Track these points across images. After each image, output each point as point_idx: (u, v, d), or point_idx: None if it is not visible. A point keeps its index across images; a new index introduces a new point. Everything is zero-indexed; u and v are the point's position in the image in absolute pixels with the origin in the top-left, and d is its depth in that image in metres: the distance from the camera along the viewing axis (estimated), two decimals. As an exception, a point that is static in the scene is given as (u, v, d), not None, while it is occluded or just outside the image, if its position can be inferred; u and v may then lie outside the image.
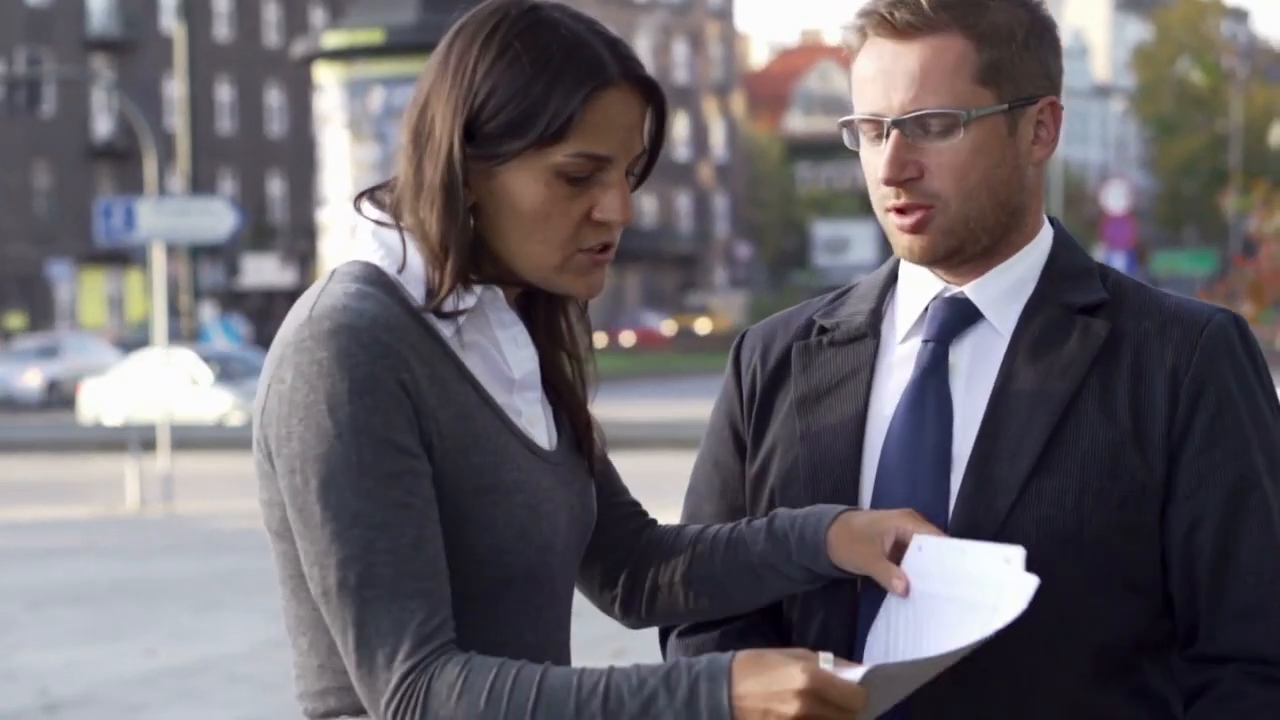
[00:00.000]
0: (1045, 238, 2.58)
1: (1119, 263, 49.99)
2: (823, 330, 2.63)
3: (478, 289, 2.37)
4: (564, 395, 2.51)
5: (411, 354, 2.29)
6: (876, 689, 2.17)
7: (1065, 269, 2.56)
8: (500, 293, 2.40)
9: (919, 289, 2.58)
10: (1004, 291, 2.54)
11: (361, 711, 2.33)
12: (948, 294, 2.56)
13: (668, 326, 69.69)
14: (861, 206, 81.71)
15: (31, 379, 43.02)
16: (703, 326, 68.75)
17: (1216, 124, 77.26)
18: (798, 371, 2.61)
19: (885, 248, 2.72)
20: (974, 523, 2.42)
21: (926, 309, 2.57)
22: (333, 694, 2.37)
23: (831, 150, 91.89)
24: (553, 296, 2.47)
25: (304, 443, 2.25)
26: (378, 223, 2.39)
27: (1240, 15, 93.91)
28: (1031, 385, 2.47)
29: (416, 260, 2.36)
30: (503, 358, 2.40)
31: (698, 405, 14.38)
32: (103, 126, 69.10)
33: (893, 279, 2.64)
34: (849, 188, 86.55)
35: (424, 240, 2.35)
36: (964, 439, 2.48)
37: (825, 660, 2.16)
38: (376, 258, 2.37)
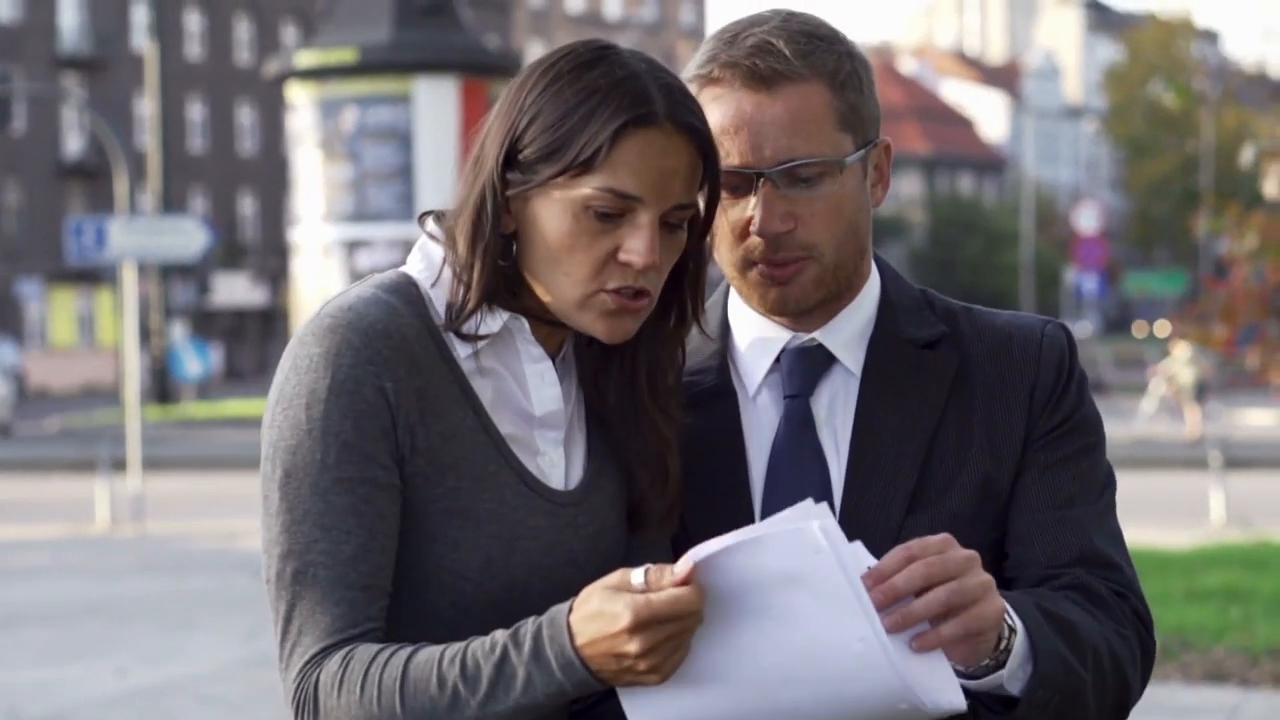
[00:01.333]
0: (874, 273, 2.59)
1: (1090, 283, 50.18)
2: None
3: (504, 316, 2.37)
4: (632, 445, 2.47)
5: (405, 364, 2.30)
6: (717, 574, 2.09)
7: (898, 303, 2.58)
8: (526, 325, 2.39)
9: (762, 338, 2.56)
10: (853, 333, 2.55)
11: None
12: (796, 343, 2.54)
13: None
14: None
15: None
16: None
17: (1187, 145, 77.55)
18: None
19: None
20: None
21: (778, 359, 2.55)
22: None
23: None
24: (648, 351, 2.45)
25: (279, 432, 2.30)
26: (430, 237, 2.42)
27: (1211, 37, 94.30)
28: (890, 426, 2.49)
29: (448, 276, 2.38)
30: (524, 392, 2.40)
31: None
32: (73, 145, 68.94)
33: (725, 327, 2.60)
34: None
35: (455, 258, 2.37)
36: (837, 486, 2.49)
37: (637, 576, 2.10)
38: (415, 270, 2.41)
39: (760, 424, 2.54)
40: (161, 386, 42.78)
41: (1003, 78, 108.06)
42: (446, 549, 2.32)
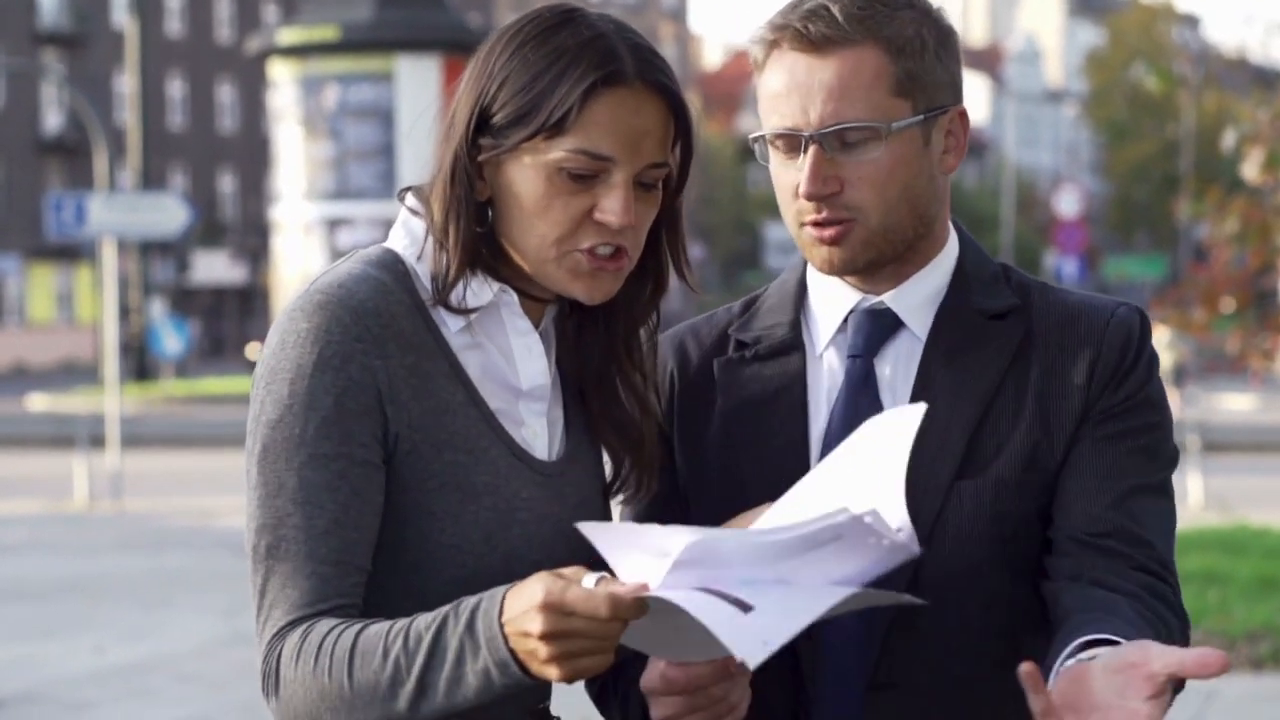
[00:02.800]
0: (953, 243, 2.62)
1: (1070, 267, 50.22)
2: (741, 344, 2.63)
3: (493, 289, 2.38)
4: (612, 412, 2.50)
5: (394, 341, 2.31)
6: (657, 601, 2.08)
7: (973, 274, 2.60)
8: (515, 297, 2.40)
9: (834, 299, 2.60)
10: (922, 299, 2.58)
11: None
12: (866, 304, 2.58)
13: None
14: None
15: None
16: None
17: (1168, 129, 77.59)
18: (724, 386, 2.61)
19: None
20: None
21: (845, 320, 2.58)
22: None
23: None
24: (628, 312, 2.48)
25: (262, 406, 2.30)
26: (411, 211, 2.43)
27: (1192, 21, 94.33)
28: (949, 390, 2.51)
29: (430, 249, 2.38)
30: (510, 365, 2.41)
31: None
32: (53, 121, 68.69)
33: (802, 288, 2.65)
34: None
35: (433, 228, 2.37)
36: None
37: (589, 579, 2.09)
38: (399, 245, 2.41)
39: (824, 382, 2.58)
40: (140, 364, 42.66)
41: (984, 61, 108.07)
42: (447, 523, 2.33)
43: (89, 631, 11.98)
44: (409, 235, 2.42)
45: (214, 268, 67.77)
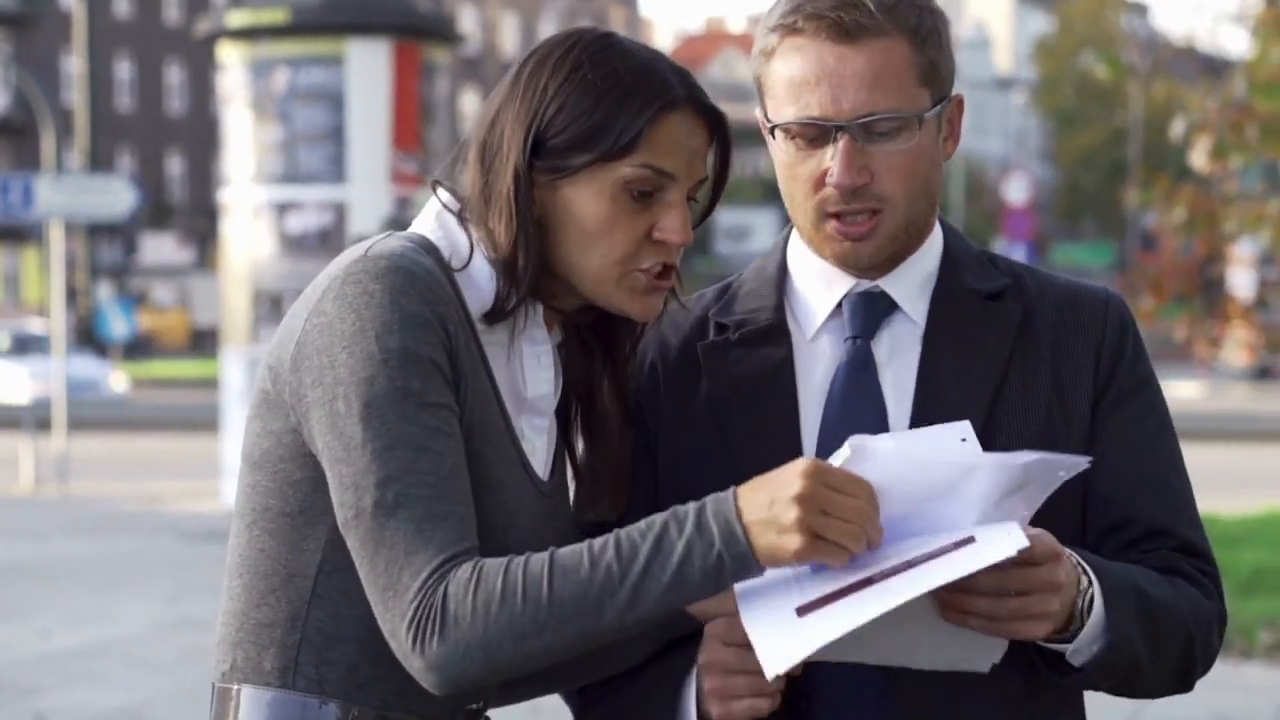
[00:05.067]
0: (939, 229, 2.64)
1: (1019, 254, 50.42)
2: (722, 328, 2.62)
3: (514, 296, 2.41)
4: (596, 433, 2.55)
5: (451, 319, 2.33)
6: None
7: (961, 257, 2.62)
8: (540, 307, 2.45)
9: (824, 284, 2.60)
10: (916, 283, 2.59)
11: (261, 683, 2.37)
12: (860, 289, 2.58)
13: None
14: (764, 194, 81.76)
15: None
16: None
17: (1116, 117, 77.86)
18: (710, 369, 2.60)
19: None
20: None
21: (839, 305, 2.58)
22: (241, 647, 2.40)
23: (733, 137, 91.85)
24: (628, 328, 2.53)
25: (349, 369, 2.27)
26: (447, 208, 2.44)
27: (1141, 9, 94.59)
28: (956, 372, 2.53)
29: (482, 266, 2.40)
30: (521, 372, 2.44)
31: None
32: (-1, 102, 68.36)
33: (783, 273, 2.65)
34: (750, 175, 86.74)
35: (494, 250, 2.39)
36: (898, 429, 2.51)
37: (839, 455, 2.20)
38: (435, 238, 2.42)
39: (815, 367, 2.58)
40: (87, 346, 42.49)
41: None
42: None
43: (35, 616, 11.93)
44: (447, 237, 2.43)
45: (161, 250, 67.50)
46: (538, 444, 2.47)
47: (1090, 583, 2.35)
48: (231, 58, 17.40)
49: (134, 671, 10.19)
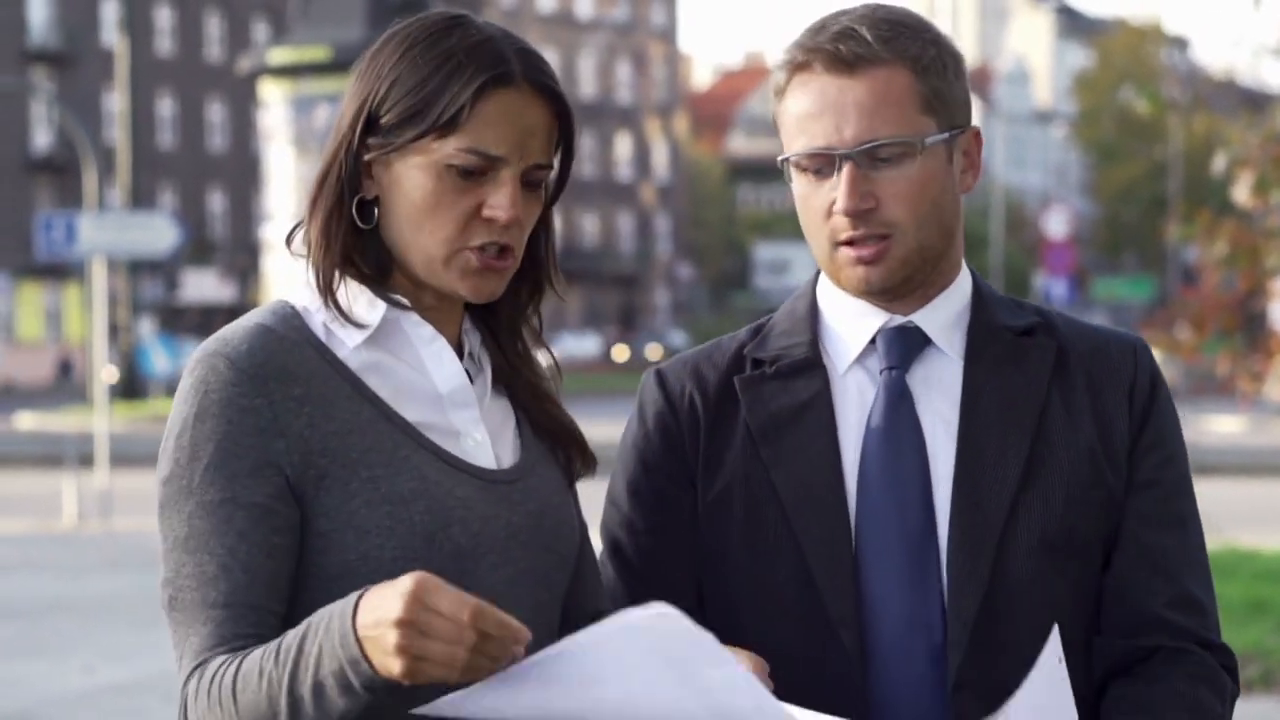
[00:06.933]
0: (966, 270, 2.69)
1: (1059, 288, 50.36)
2: (758, 363, 2.66)
3: (382, 306, 2.41)
4: (531, 412, 2.55)
5: (276, 376, 2.33)
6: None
7: (990, 296, 2.68)
8: (414, 312, 2.44)
9: (858, 320, 2.64)
10: (949, 318, 2.63)
11: None
12: (894, 323, 2.62)
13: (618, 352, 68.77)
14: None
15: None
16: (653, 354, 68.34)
17: (1156, 151, 77.72)
18: (749, 402, 2.63)
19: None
20: (972, 538, 2.50)
21: (873, 340, 2.62)
22: None
23: (773, 172, 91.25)
24: (510, 315, 2.53)
25: (160, 466, 2.36)
26: (298, 256, 2.46)
27: (1181, 43, 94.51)
28: (998, 404, 2.57)
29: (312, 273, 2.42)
30: (426, 375, 2.43)
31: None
32: (42, 139, 68.73)
33: (814, 311, 2.69)
34: (790, 210, 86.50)
35: (308, 226, 2.42)
36: (936, 460, 2.55)
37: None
38: (296, 297, 2.44)
39: (851, 400, 2.61)
40: (129, 383, 42.63)
41: (973, 82, 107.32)
42: (383, 537, 2.33)
43: (78, 651, 11.96)
44: (310, 291, 2.44)
45: (203, 286, 67.80)
46: (477, 436, 2.45)
47: None
48: (273, 94, 17.50)
49: (175, 708, 10.18)
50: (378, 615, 2.10)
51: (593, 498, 2.63)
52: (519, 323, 2.54)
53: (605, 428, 4.79)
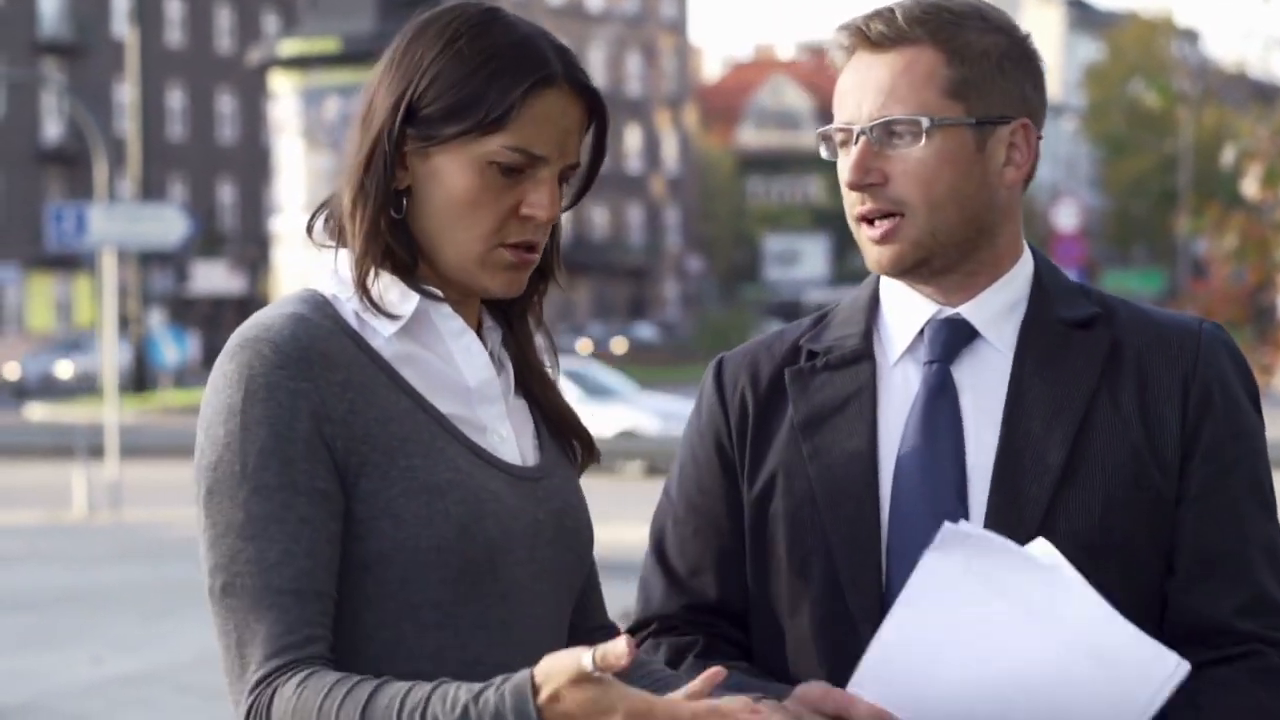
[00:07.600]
0: (1029, 259, 2.64)
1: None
2: (812, 355, 2.65)
3: (414, 297, 2.40)
4: (544, 410, 2.54)
5: (320, 362, 2.32)
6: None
7: (1052, 288, 2.62)
8: (443, 299, 2.42)
9: (908, 311, 2.62)
10: (999, 311, 2.60)
11: None
12: (943, 315, 2.60)
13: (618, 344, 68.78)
14: (813, 221, 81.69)
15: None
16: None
17: (1166, 144, 77.59)
18: (795, 395, 2.62)
19: (836, 261, 2.75)
20: (1005, 535, 2.43)
21: (921, 331, 2.60)
22: None
23: (783, 164, 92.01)
24: (520, 305, 2.52)
25: (202, 452, 2.34)
26: (321, 244, 2.46)
27: (1192, 36, 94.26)
28: (1043, 399, 2.53)
29: (346, 262, 2.41)
30: (455, 368, 2.43)
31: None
32: (52, 130, 68.77)
33: (874, 302, 2.67)
34: (800, 202, 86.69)
35: (342, 221, 2.41)
36: (977, 455, 2.53)
37: (586, 659, 2.08)
38: (323, 285, 2.43)
39: (896, 391, 2.60)
40: (139, 374, 42.67)
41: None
42: (420, 526, 2.33)
43: (87, 642, 11.99)
44: (338, 280, 2.43)
45: (213, 278, 67.78)
46: (502, 431, 2.45)
47: None
48: (283, 86, 17.51)
49: (185, 698, 10.22)
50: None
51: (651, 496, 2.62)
52: (527, 310, 2.54)
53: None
